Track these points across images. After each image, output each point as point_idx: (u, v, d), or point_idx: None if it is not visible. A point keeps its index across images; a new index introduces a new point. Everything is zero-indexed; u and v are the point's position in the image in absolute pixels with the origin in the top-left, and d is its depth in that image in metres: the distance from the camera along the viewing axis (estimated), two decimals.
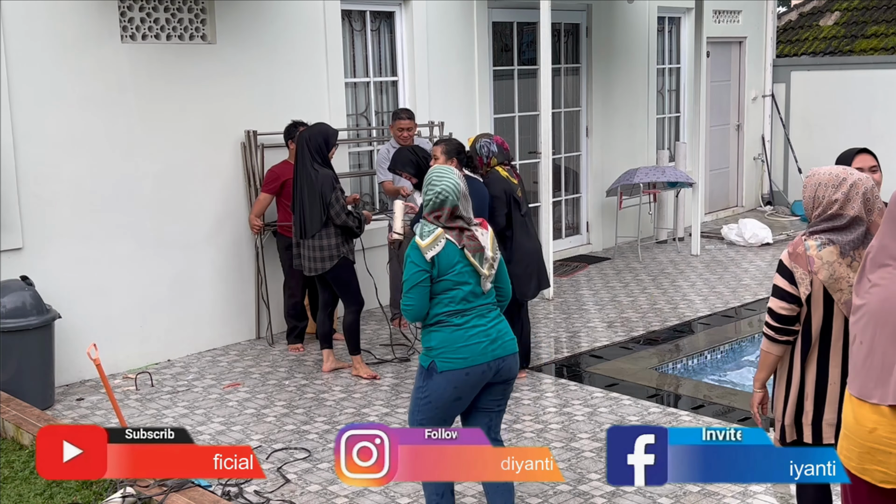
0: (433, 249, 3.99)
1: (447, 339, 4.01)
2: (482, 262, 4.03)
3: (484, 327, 4.05)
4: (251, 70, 7.55)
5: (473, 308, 4.05)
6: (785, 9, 15.84)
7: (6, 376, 5.98)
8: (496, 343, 4.05)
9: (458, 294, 4.02)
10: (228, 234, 7.54)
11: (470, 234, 4.04)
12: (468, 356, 3.99)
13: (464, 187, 4.08)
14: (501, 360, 4.06)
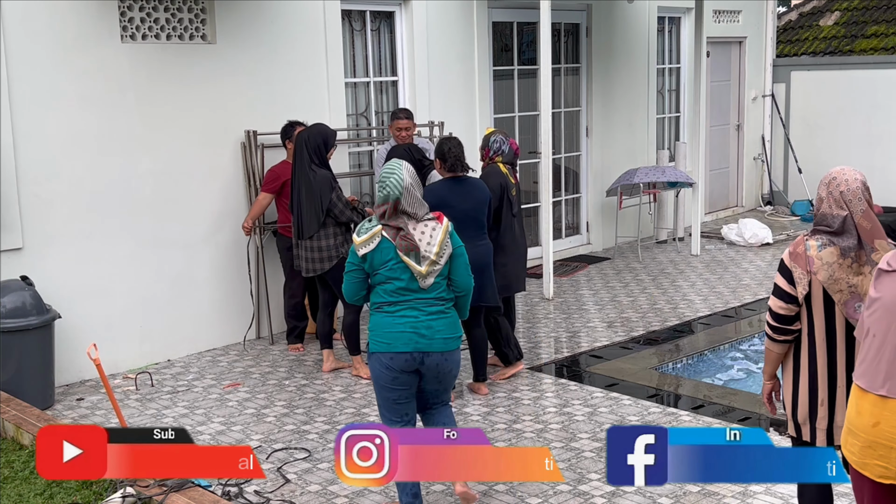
0: (366, 247, 4.25)
1: (378, 324, 4.31)
2: (418, 261, 4.23)
3: (414, 319, 4.26)
4: (251, 70, 7.55)
5: (408, 301, 4.27)
6: (785, 9, 15.84)
7: (6, 376, 5.98)
8: (424, 338, 4.25)
9: (390, 287, 4.27)
10: (228, 234, 7.54)
11: (404, 234, 4.23)
12: (391, 342, 4.25)
13: (410, 181, 4.26)
14: (426, 354, 4.26)
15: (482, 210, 6.05)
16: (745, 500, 4.63)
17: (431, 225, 4.31)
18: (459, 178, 6.02)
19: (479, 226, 6.04)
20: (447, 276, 4.37)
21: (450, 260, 4.36)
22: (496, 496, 4.74)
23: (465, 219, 5.89)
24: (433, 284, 4.31)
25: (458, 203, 5.88)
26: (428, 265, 4.26)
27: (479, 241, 6.02)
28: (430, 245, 4.27)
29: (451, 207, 5.83)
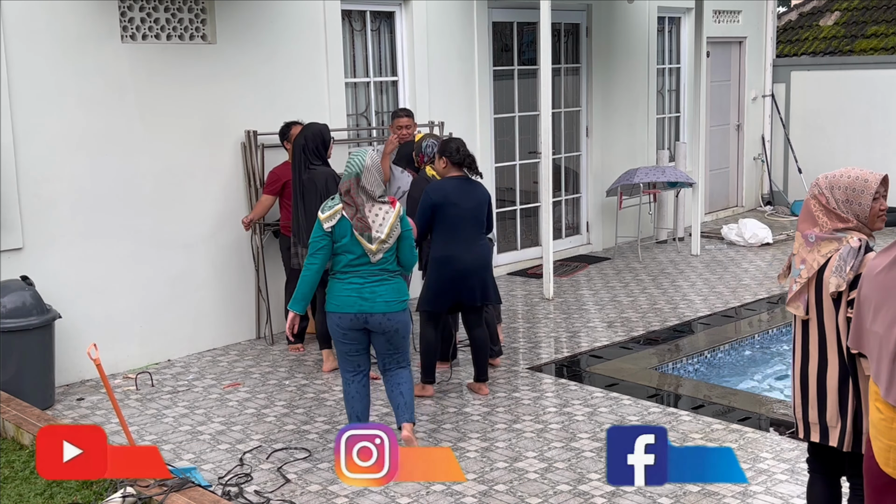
0: (329, 222, 4.99)
1: (332, 288, 5.10)
2: (370, 240, 4.96)
3: (359, 286, 5.02)
4: (251, 70, 7.55)
5: (357, 270, 5.02)
6: (785, 9, 15.84)
7: (6, 376, 5.98)
8: (367, 301, 5.01)
9: (344, 259, 5.02)
10: (228, 233, 7.54)
11: (360, 216, 4.95)
12: (340, 304, 5.05)
13: (370, 164, 5.00)
14: (369, 315, 5.02)
15: (483, 210, 6.11)
16: (745, 500, 4.63)
17: (385, 209, 5.02)
18: (464, 178, 6.06)
19: (480, 225, 6.09)
20: (395, 253, 5.09)
21: (398, 240, 5.06)
22: (496, 496, 4.74)
23: (469, 217, 5.97)
24: (381, 259, 5.03)
25: (463, 202, 5.96)
26: (378, 244, 4.98)
27: (480, 241, 6.10)
28: (382, 227, 4.98)
29: (455, 206, 5.91)
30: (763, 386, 6.71)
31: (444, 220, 5.97)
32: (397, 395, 5.19)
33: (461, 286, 6.03)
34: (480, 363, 6.28)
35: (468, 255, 6.01)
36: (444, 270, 6.01)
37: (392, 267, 5.09)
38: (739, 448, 5.26)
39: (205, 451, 5.47)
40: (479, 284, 6.08)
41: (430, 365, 6.22)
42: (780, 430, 5.50)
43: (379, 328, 5.06)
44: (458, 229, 5.98)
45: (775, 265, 10.01)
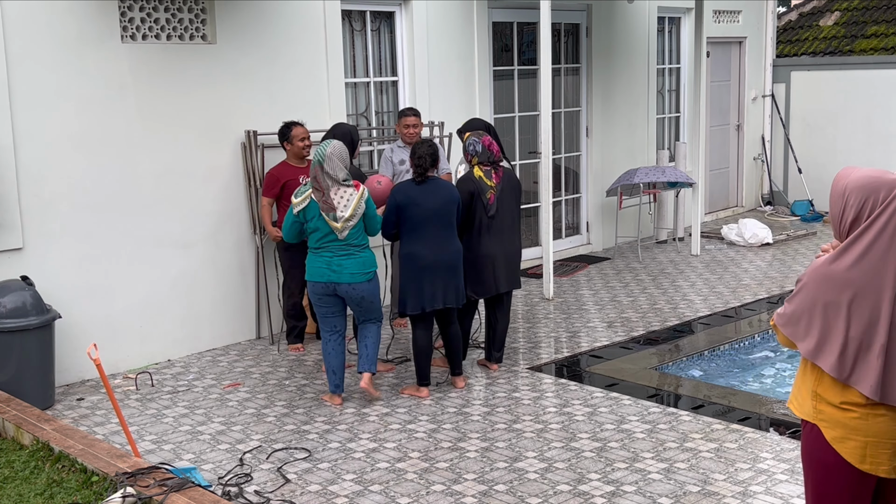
0: (300, 206, 5.86)
1: (308, 260, 5.98)
2: (335, 219, 5.80)
3: (329, 258, 5.87)
4: (251, 70, 7.55)
5: (327, 246, 5.87)
6: (785, 9, 15.84)
7: (6, 376, 5.98)
8: (335, 272, 5.87)
9: (316, 235, 5.88)
10: (228, 233, 7.54)
11: (325, 199, 5.78)
12: (312, 274, 5.94)
13: (331, 153, 5.80)
14: (337, 284, 5.88)
15: (449, 210, 6.20)
16: (745, 500, 4.63)
17: (350, 192, 5.85)
18: (428, 178, 6.21)
19: (446, 225, 6.18)
20: (361, 229, 5.92)
21: (364, 217, 5.90)
22: (496, 496, 4.74)
23: (430, 216, 6.11)
24: (348, 235, 5.85)
25: (423, 202, 6.11)
26: (343, 222, 5.82)
27: (447, 242, 6.19)
28: (346, 207, 5.82)
29: (416, 205, 6.11)
30: (763, 386, 6.71)
31: (407, 219, 6.11)
32: (361, 347, 6.10)
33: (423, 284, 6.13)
34: (454, 359, 6.42)
35: (431, 253, 6.12)
36: (407, 266, 6.15)
37: (358, 242, 5.91)
38: (739, 448, 5.26)
39: (205, 451, 5.47)
40: (440, 285, 6.15)
41: (421, 367, 6.27)
42: (780, 430, 5.50)
43: (346, 295, 5.93)
44: (420, 228, 6.11)
45: (775, 265, 10.01)
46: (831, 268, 2.99)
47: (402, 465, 5.16)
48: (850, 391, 3.00)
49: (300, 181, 7.23)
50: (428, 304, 6.12)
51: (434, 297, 6.13)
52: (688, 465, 5.05)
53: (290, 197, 7.12)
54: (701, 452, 5.22)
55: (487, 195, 6.44)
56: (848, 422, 3.00)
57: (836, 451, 3.02)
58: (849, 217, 3.03)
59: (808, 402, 3.11)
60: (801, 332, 3.05)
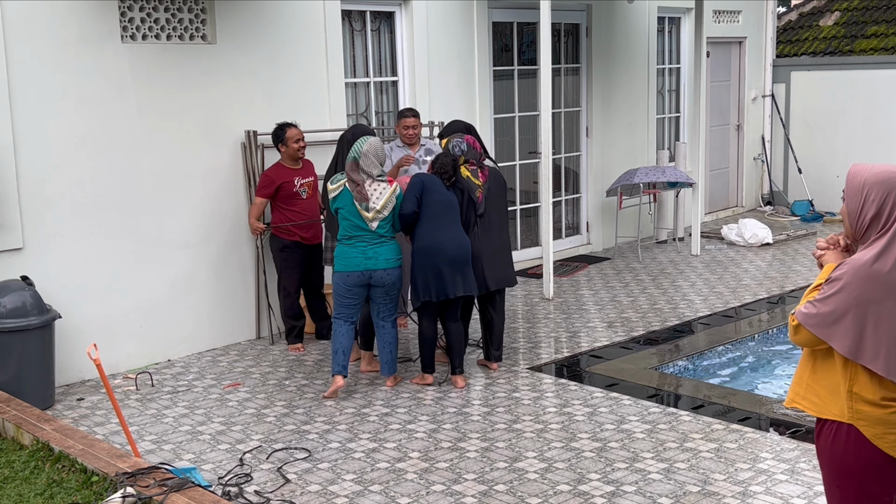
0: (333, 192, 6.20)
1: (339, 252, 6.22)
2: (367, 209, 6.11)
3: (363, 248, 6.15)
4: (251, 70, 7.55)
5: (360, 236, 6.16)
6: (785, 9, 15.84)
7: (6, 376, 5.98)
8: (370, 260, 6.15)
9: (347, 224, 6.17)
10: (228, 234, 7.54)
11: (360, 189, 6.13)
12: (347, 265, 6.17)
13: (367, 149, 6.12)
14: (372, 271, 6.16)
15: (459, 207, 6.36)
16: (744, 500, 4.63)
17: (383, 185, 6.18)
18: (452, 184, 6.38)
19: (457, 217, 6.32)
20: (390, 222, 6.21)
21: (393, 212, 6.20)
22: (496, 496, 4.74)
23: (447, 208, 6.25)
24: (378, 226, 6.15)
25: (444, 193, 6.26)
26: (374, 213, 6.11)
27: (460, 234, 6.30)
28: (378, 200, 6.13)
29: (438, 192, 6.26)
30: (763, 386, 6.71)
31: (428, 204, 6.22)
32: (385, 353, 6.41)
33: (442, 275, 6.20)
34: (454, 356, 6.45)
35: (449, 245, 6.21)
36: (426, 259, 6.22)
37: (389, 233, 6.22)
38: (739, 448, 5.26)
39: (205, 451, 5.47)
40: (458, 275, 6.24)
41: (426, 356, 6.42)
42: (780, 430, 5.50)
43: (380, 282, 6.20)
44: (439, 218, 6.22)
45: (775, 265, 10.01)
46: (874, 268, 2.98)
47: (402, 465, 5.16)
48: (886, 387, 3.00)
49: (294, 183, 7.24)
50: (441, 293, 6.21)
51: (445, 288, 6.21)
52: (688, 465, 5.05)
53: (284, 199, 7.21)
54: (701, 452, 5.22)
55: (476, 194, 6.47)
56: (887, 417, 3.00)
57: (879, 448, 3.01)
58: (868, 213, 3.01)
59: (841, 401, 3.07)
60: (840, 332, 3.01)
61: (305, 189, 7.30)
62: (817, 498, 4.58)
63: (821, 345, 3.08)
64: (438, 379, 6.57)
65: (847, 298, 3.00)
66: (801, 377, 3.20)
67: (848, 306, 3.00)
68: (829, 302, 3.03)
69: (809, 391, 3.16)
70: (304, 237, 7.28)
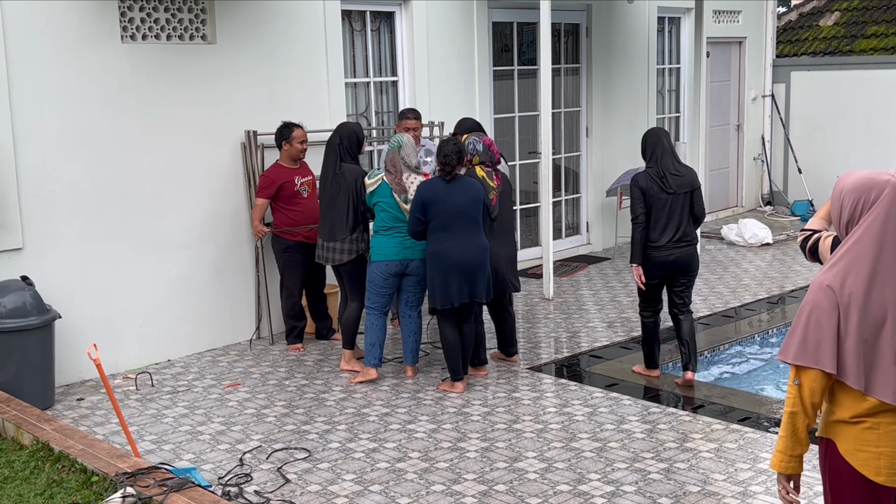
0: (371, 188, 6.46)
1: (377, 243, 6.44)
2: (405, 201, 6.34)
3: (401, 238, 6.37)
4: (251, 70, 7.55)
5: (397, 227, 6.37)
6: (785, 9, 15.84)
7: (6, 376, 5.98)
8: (408, 249, 6.39)
9: (385, 216, 6.40)
10: (228, 233, 7.54)
11: (398, 181, 6.38)
12: (386, 254, 6.40)
13: (406, 141, 6.44)
14: (410, 260, 6.42)
15: (475, 207, 6.21)
16: (744, 500, 4.63)
17: (420, 178, 6.38)
18: (456, 176, 6.22)
19: (473, 222, 6.18)
20: None
21: None
22: (496, 496, 4.74)
23: (457, 214, 6.11)
24: None
25: (450, 199, 6.11)
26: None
27: (474, 239, 6.18)
28: (410, 191, 6.28)
29: (441, 202, 6.11)
30: (763, 386, 6.71)
31: (434, 216, 6.12)
32: (409, 342, 6.62)
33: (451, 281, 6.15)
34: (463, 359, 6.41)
35: (459, 251, 6.13)
36: (436, 265, 6.16)
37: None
38: (739, 448, 5.26)
39: (205, 451, 5.47)
40: (466, 281, 6.17)
41: (453, 361, 6.32)
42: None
43: (415, 271, 6.45)
44: (449, 226, 6.12)
45: (775, 265, 10.01)
46: (825, 276, 2.98)
47: (402, 465, 5.16)
48: (860, 403, 2.97)
49: (295, 182, 7.24)
50: (458, 299, 6.18)
51: (462, 293, 6.17)
52: (688, 465, 5.05)
53: (285, 199, 7.19)
54: (701, 452, 5.22)
55: (490, 196, 6.43)
56: (859, 434, 2.98)
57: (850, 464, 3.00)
58: (844, 219, 3.04)
59: (824, 416, 3.08)
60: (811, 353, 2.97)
61: (306, 188, 7.31)
62: (817, 498, 4.58)
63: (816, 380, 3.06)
64: (439, 380, 6.56)
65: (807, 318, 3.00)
66: None
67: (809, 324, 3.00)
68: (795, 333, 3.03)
69: None
70: (307, 237, 7.28)
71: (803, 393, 2.98)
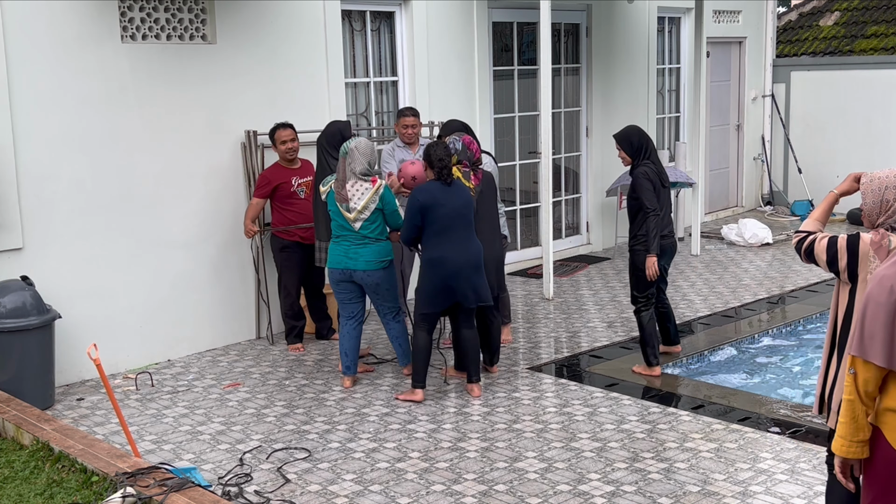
0: (324, 193, 6.33)
1: (329, 249, 6.39)
2: (348, 210, 6.17)
3: (345, 248, 6.25)
4: (251, 70, 7.55)
5: (344, 236, 6.24)
6: (785, 9, 15.84)
7: (6, 376, 5.98)
8: (349, 259, 6.24)
9: (334, 224, 6.29)
10: (228, 233, 7.54)
11: (341, 190, 6.17)
12: (332, 262, 6.32)
13: (354, 147, 6.15)
14: (352, 271, 6.25)
15: (470, 210, 6.13)
16: (745, 500, 4.63)
17: (365, 186, 6.17)
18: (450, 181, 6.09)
19: (468, 225, 6.09)
20: (380, 223, 6.22)
21: (384, 213, 6.21)
22: (496, 496, 4.74)
23: (455, 216, 6.00)
24: (362, 226, 6.18)
25: (448, 202, 5.99)
26: (355, 214, 6.15)
27: (471, 242, 6.09)
28: (359, 200, 6.15)
29: (441, 206, 5.98)
30: (763, 385, 6.70)
31: (433, 221, 5.98)
32: (396, 347, 6.59)
33: (454, 287, 6.01)
34: (471, 364, 6.24)
35: (459, 255, 6.01)
36: (436, 272, 6.01)
37: (373, 234, 6.22)
38: (739, 448, 5.26)
39: (205, 451, 5.47)
40: (469, 285, 6.04)
41: (419, 367, 6.14)
42: (780, 430, 5.50)
43: (360, 282, 6.29)
44: (448, 230, 6.00)
45: (775, 265, 10.01)
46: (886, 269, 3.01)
47: (402, 465, 5.16)
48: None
49: (292, 182, 7.24)
50: (441, 304, 6.05)
51: (466, 297, 6.03)
52: (688, 465, 5.05)
53: (282, 199, 7.22)
54: (701, 452, 5.22)
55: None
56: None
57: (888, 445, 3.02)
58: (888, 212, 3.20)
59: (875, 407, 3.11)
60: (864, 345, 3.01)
61: (303, 189, 7.31)
62: (817, 498, 4.58)
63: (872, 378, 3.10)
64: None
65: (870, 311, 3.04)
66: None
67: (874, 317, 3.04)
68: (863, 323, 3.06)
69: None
70: (303, 237, 7.28)
71: (858, 382, 3.04)
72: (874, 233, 3.57)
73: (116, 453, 4.81)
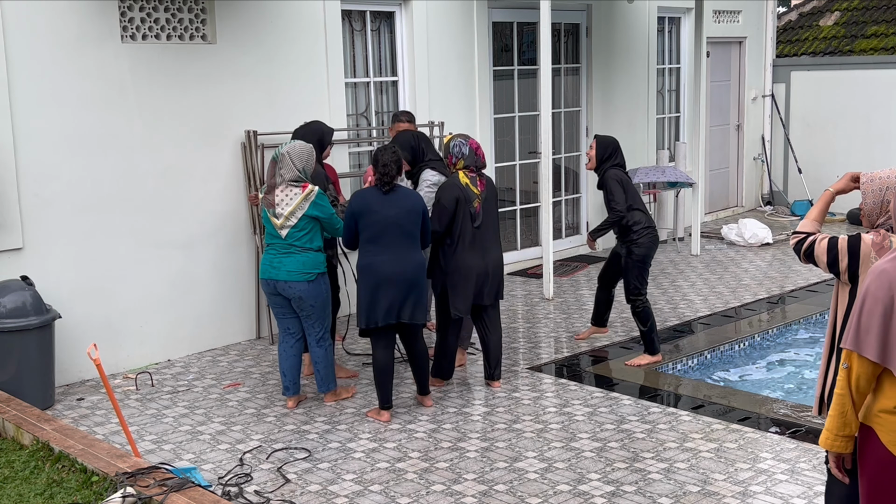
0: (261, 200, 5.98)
1: (262, 259, 5.97)
2: (274, 215, 5.82)
3: (272, 256, 5.87)
4: (251, 70, 7.55)
5: (273, 244, 5.87)
6: (785, 9, 15.84)
7: (6, 376, 5.98)
8: (274, 269, 5.84)
9: (266, 232, 5.94)
10: (228, 233, 7.54)
11: (268, 196, 5.84)
12: (261, 272, 5.95)
13: (286, 152, 5.81)
14: (276, 281, 5.84)
15: (411, 220, 5.77)
16: (745, 500, 4.63)
17: (295, 192, 5.81)
18: (395, 187, 5.82)
19: (406, 235, 5.76)
20: (309, 231, 5.83)
21: (319, 220, 5.85)
22: (496, 496, 4.74)
23: (389, 225, 5.70)
24: (289, 234, 5.81)
25: (382, 209, 5.72)
26: (282, 221, 5.80)
27: (407, 254, 5.77)
28: (286, 206, 5.79)
29: (374, 213, 5.72)
30: (763, 385, 6.71)
31: (364, 228, 5.74)
32: (315, 371, 6.13)
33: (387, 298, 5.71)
34: (420, 377, 6.03)
35: (392, 266, 5.72)
36: (363, 279, 5.77)
37: (300, 243, 5.83)
38: (739, 448, 5.26)
39: (205, 451, 5.47)
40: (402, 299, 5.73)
41: (382, 387, 5.84)
42: (780, 430, 5.50)
43: (284, 293, 5.88)
44: (379, 238, 5.73)
45: (775, 265, 10.01)
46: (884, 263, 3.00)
47: (402, 465, 5.16)
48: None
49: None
50: (383, 318, 5.70)
51: (390, 312, 5.70)
52: (688, 465, 5.05)
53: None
54: (701, 452, 5.22)
55: (474, 204, 6.13)
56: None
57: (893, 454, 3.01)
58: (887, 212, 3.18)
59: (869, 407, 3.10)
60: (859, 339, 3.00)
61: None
62: (817, 498, 4.59)
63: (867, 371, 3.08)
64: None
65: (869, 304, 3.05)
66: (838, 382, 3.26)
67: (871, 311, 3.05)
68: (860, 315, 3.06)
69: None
70: None
71: (851, 377, 3.03)
72: (875, 233, 3.56)
73: (116, 453, 4.81)
